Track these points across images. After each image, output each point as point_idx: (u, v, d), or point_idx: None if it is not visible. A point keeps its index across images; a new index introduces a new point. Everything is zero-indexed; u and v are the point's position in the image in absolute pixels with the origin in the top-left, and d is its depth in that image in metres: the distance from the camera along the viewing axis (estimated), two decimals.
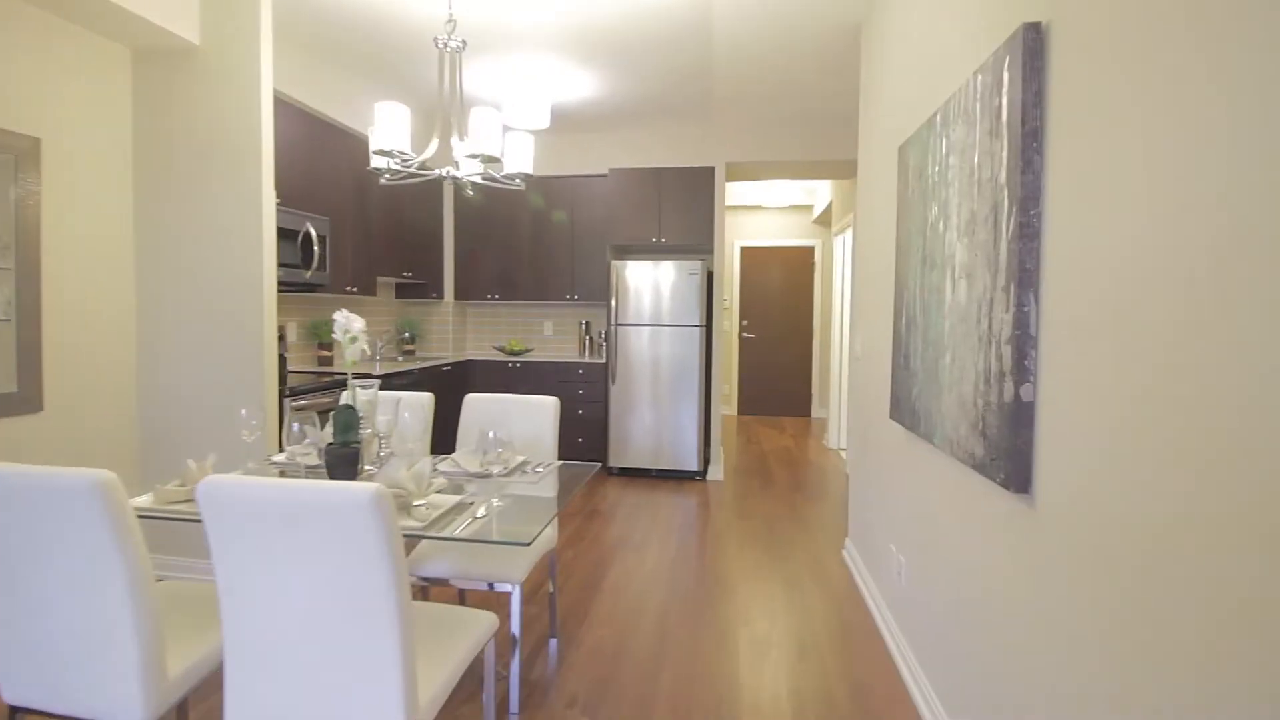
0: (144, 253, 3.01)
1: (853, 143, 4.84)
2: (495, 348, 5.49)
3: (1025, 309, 1.34)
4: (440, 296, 5.40)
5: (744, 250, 8.12)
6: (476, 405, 2.56)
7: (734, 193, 7.78)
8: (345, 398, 2.02)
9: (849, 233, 5.83)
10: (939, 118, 1.89)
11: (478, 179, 2.44)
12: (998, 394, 1.42)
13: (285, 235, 3.40)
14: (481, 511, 1.61)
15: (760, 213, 8.07)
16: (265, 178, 2.91)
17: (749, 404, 8.14)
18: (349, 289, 4.10)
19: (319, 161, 3.77)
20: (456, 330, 5.64)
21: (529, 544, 1.45)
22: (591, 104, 4.50)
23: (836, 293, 6.17)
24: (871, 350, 3.01)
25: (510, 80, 4.09)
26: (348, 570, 1.15)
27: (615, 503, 4.34)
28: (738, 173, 5.32)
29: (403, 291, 5.26)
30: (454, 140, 2.37)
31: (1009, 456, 1.37)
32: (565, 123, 4.94)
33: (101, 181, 2.84)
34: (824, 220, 7.70)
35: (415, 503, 1.53)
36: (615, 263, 4.92)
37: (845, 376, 6.00)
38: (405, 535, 1.44)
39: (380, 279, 4.80)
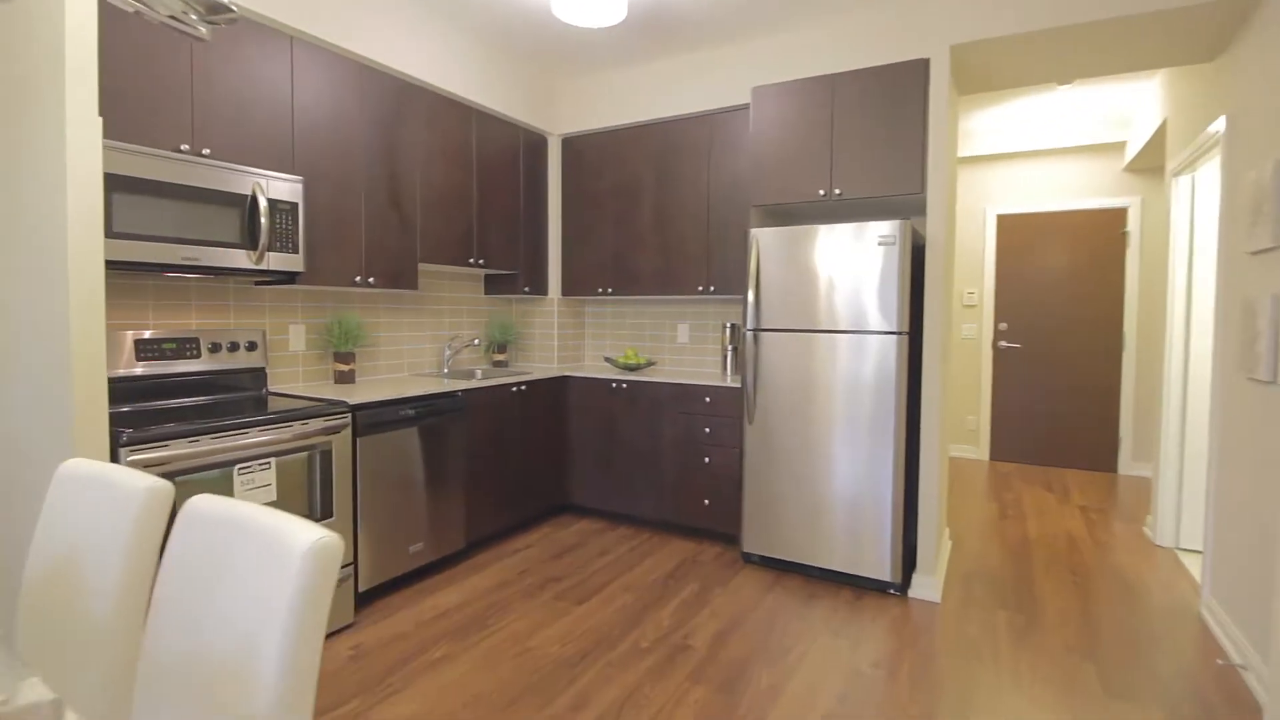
0: None
1: None
2: (605, 359, 4.03)
3: None
4: (537, 291, 4.10)
5: (1002, 220, 5.55)
6: (187, 535, 1.08)
7: (979, 131, 5.31)
8: None
9: (1209, 159, 3.22)
10: None
11: None
12: None
13: (219, 201, 2.32)
14: None
15: (1028, 162, 5.43)
16: (76, 95, 1.79)
17: (1008, 447, 5.54)
18: (361, 280, 2.96)
19: (279, 95, 2.65)
20: (567, 336, 4.30)
21: None
22: None
23: (1176, 276, 3.52)
24: None
25: None
26: None
27: (729, 629, 2.56)
28: (974, 73, 3.12)
29: (498, 285, 4.06)
30: None
31: None
32: (681, 33, 3.27)
33: None
34: (1146, 163, 4.84)
35: None
36: (754, 231, 3.12)
37: (1193, 412, 3.38)
38: None
39: (430, 267, 3.64)
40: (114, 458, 1.90)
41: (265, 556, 0.94)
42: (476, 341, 3.76)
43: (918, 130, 2.90)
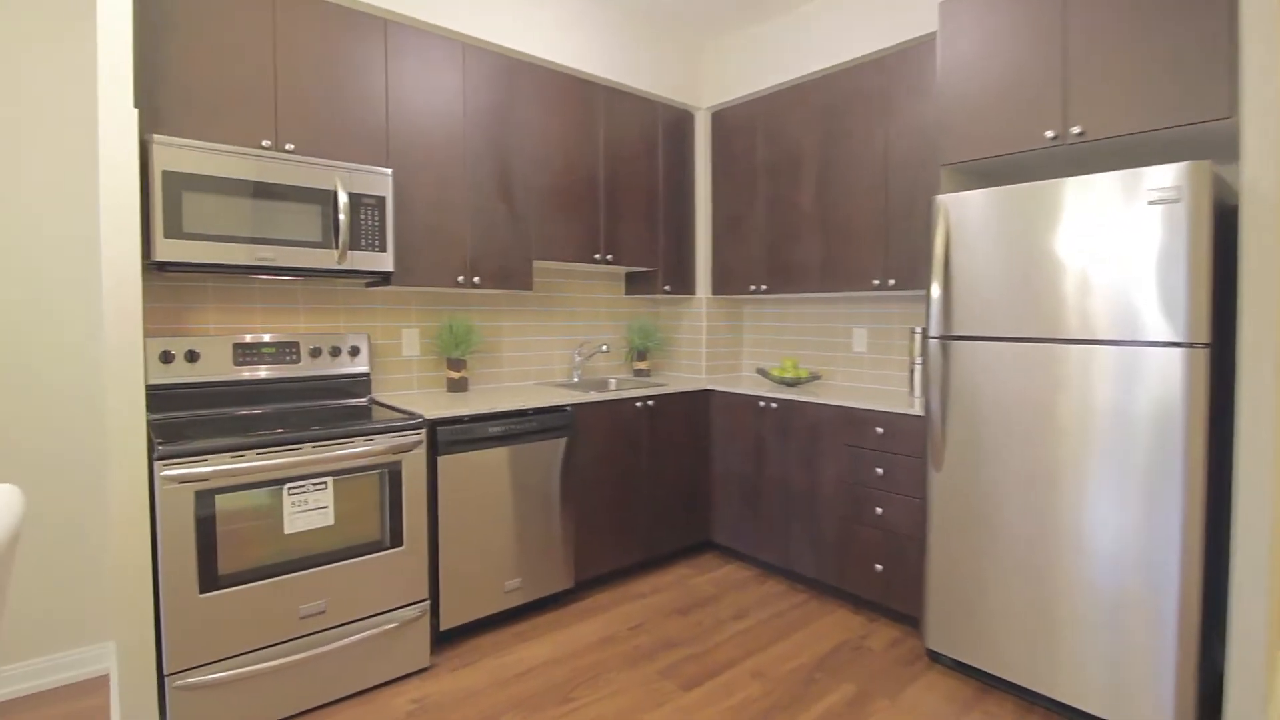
0: None
1: None
2: (758, 371, 3.34)
3: None
4: (680, 290, 3.56)
5: None
6: None
7: None
8: None
9: None
10: None
11: None
12: None
13: (298, 198, 2.17)
14: None
15: None
16: (108, 84, 1.67)
17: None
18: (464, 280, 2.69)
19: (371, 83, 2.44)
20: (719, 341, 3.70)
21: None
22: None
23: None
24: None
25: None
26: None
27: None
28: None
29: (638, 284, 3.61)
30: None
31: None
32: None
33: None
34: None
35: None
36: (942, 198, 2.24)
37: None
38: None
39: (559, 265, 3.28)
40: (150, 472, 1.76)
41: None
42: (605, 348, 3.32)
43: (1218, 20, 1.82)
